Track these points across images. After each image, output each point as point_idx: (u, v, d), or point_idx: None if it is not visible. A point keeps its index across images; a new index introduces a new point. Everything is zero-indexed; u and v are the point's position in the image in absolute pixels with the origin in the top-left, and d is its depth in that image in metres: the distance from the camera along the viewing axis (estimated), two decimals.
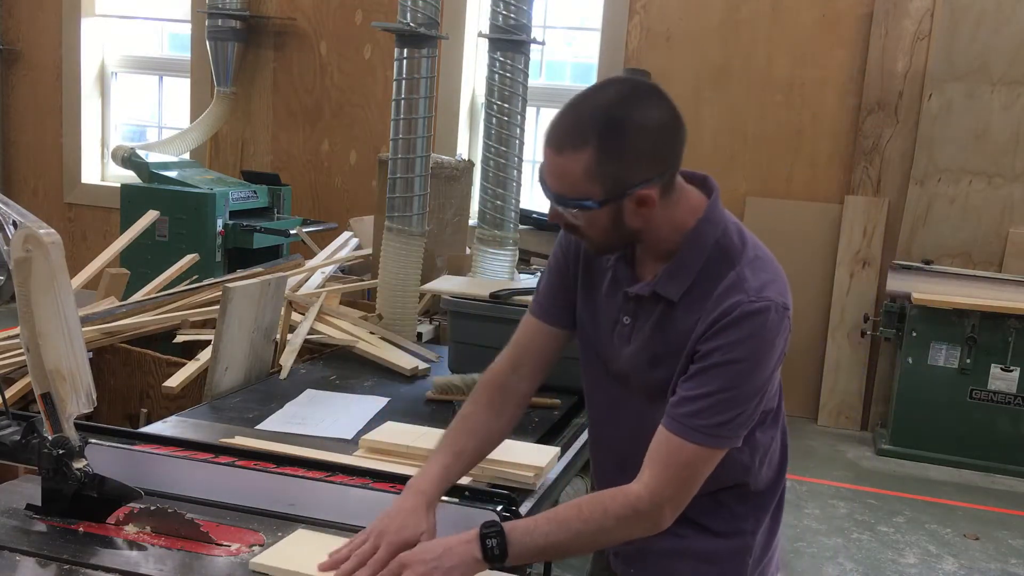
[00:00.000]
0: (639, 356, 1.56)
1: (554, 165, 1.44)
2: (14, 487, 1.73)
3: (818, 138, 5.71)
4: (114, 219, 6.01)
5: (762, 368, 1.46)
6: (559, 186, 1.45)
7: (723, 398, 1.45)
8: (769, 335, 1.45)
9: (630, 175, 1.42)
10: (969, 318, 5.04)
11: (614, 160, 1.40)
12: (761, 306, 1.44)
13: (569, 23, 6.48)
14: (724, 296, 1.46)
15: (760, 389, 1.48)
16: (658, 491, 1.45)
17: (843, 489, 4.65)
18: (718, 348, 1.44)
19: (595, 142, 1.39)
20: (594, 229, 1.48)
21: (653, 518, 1.47)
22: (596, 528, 1.46)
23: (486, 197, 3.49)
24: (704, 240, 1.51)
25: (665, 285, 1.52)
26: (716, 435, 1.46)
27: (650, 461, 1.48)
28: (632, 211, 1.45)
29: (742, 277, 1.47)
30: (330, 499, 1.69)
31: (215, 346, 2.50)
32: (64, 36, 6.94)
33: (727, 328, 1.44)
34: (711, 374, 1.45)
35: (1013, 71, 5.28)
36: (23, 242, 1.51)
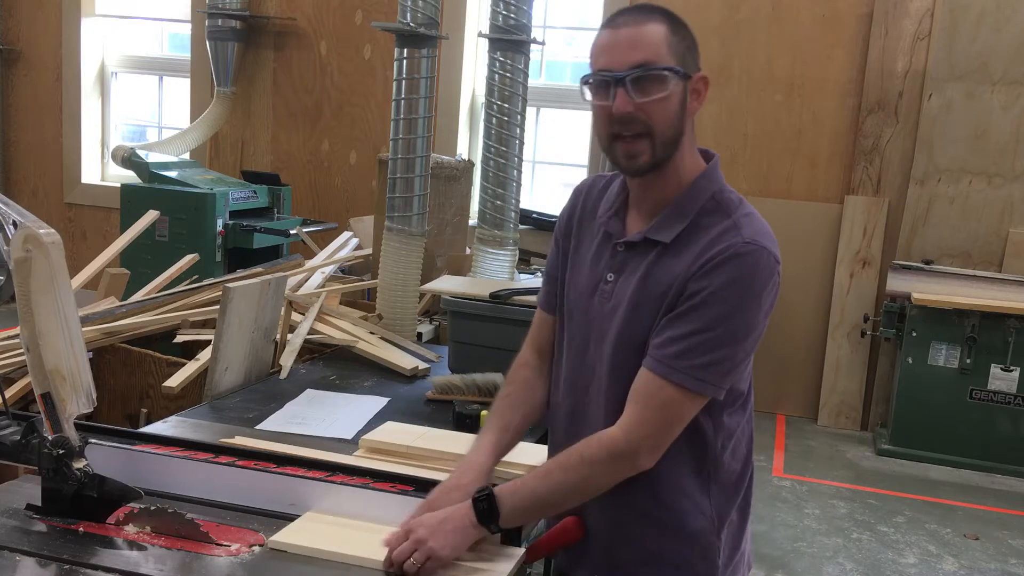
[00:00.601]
0: (621, 310, 1.55)
1: (630, 36, 1.48)
2: (14, 487, 1.73)
3: (818, 138, 5.71)
4: (114, 219, 6.01)
5: (749, 312, 1.47)
6: (643, 54, 1.47)
7: (708, 338, 1.45)
8: (759, 280, 1.47)
9: (692, 57, 1.52)
10: (969, 318, 5.04)
11: (681, 38, 1.51)
12: (753, 249, 1.46)
13: (569, 23, 6.48)
14: (717, 239, 1.48)
15: (746, 335, 1.48)
16: (635, 432, 1.47)
17: (843, 489, 4.65)
18: (706, 287, 1.45)
19: (665, 19, 1.51)
20: (667, 112, 1.49)
21: (630, 459, 1.48)
22: (577, 476, 1.50)
23: (486, 197, 3.50)
24: (702, 192, 1.55)
25: (657, 230, 1.54)
26: (699, 378, 1.46)
27: (630, 402, 1.49)
28: (689, 103, 1.52)
29: (737, 224, 1.50)
30: (330, 499, 1.69)
31: (215, 346, 2.50)
32: (64, 36, 6.94)
33: (717, 267, 1.46)
34: (698, 312, 1.46)
35: (1013, 71, 5.28)
36: (23, 242, 1.51)
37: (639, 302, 1.53)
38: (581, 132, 6.24)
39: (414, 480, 1.74)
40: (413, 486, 1.72)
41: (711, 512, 1.58)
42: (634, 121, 1.49)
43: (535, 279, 3.26)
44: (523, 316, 2.70)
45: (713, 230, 1.50)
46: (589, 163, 6.08)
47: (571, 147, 6.40)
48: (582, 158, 6.22)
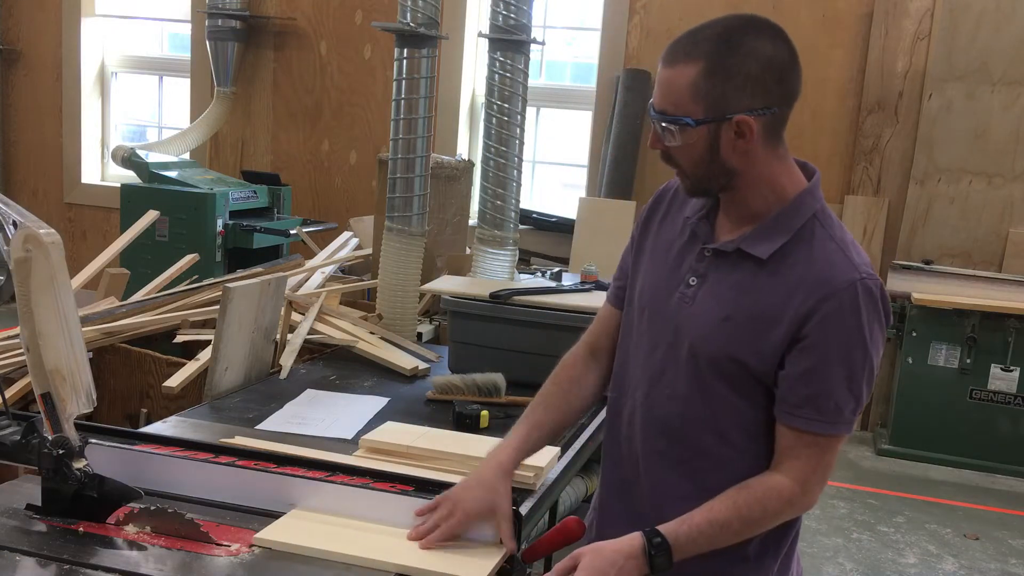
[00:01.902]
0: (705, 317, 1.50)
1: (663, 79, 1.46)
2: (14, 487, 1.73)
3: (818, 138, 5.71)
4: (114, 219, 6.01)
5: (878, 346, 1.45)
6: (663, 101, 1.46)
7: (849, 387, 1.44)
8: (879, 313, 1.44)
9: (733, 97, 1.42)
10: (969, 318, 5.05)
11: (720, 77, 1.42)
12: (873, 284, 1.43)
13: (569, 23, 6.48)
14: (833, 273, 1.43)
15: (876, 366, 1.47)
16: (809, 482, 1.48)
17: (843, 489, 4.65)
18: (834, 335, 1.42)
19: (706, 56, 1.42)
20: (689, 155, 1.47)
21: (807, 505, 1.52)
22: (755, 526, 1.50)
23: (486, 197, 3.49)
24: (803, 209, 1.49)
25: (752, 243, 1.49)
26: (848, 422, 1.47)
27: (792, 456, 1.48)
28: (730, 142, 1.44)
29: (848, 255, 1.45)
30: (330, 499, 1.69)
31: (215, 346, 2.50)
32: (64, 36, 6.94)
33: (844, 307, 1.41)
34: (833, 367, 1.43)
35: (1013, 71, 5.28)
36: (23, 242, 1.51)
37: (731, 316, 1.49)
38: (581, 132, 6.24)
39: (414, 480, 1.74)
40: (413, 486, 1.72)
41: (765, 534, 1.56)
42: (667, 159, 1.51)
43: (535, 279, 3.25)
44: (523, 316, 2.70)
45: (819, 255, 1.45)
46: (589, 163, 6.09)
47: (571, 147, 6.40)
48: (582, 158, 6.21)
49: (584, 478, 2.67)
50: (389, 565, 1.51)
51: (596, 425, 2.37)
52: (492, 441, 2.05)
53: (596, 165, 5.92)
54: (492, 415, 2.35)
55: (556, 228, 5.62)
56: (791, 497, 1.48)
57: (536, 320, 2.68)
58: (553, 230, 5.63)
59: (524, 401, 2.43)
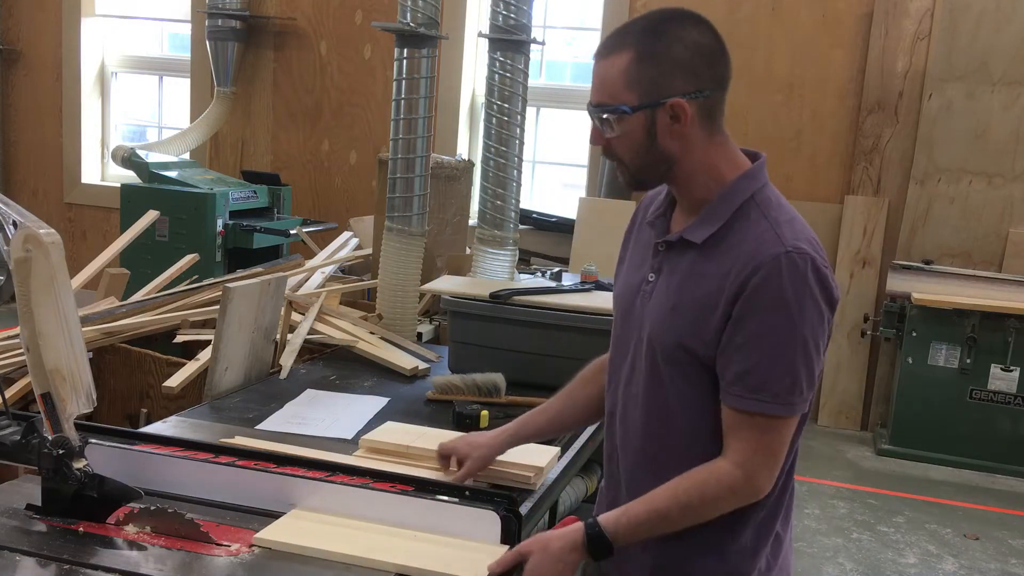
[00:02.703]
0: (658, 309, 1.53)
1: (596, 73, 1.50)
2: (14, 487, 1.73)
3: (818, 138, 5.71)
4: (114, 219, 6.01)
5: (813, 321, 1.42)
6: (599, 93, 1.49)
7: (783, 361, 1.42)
8: (810, 286, 1.42)
9: (665, 81, 1.45)
10: (969, 318, 5.05)
11: (650, 64, 1.45)
12: (799, 256, 1.42)
13: (569, 23, 6.48)
14: (759, 250, 1.43)
15: (817, 345, 1.45)
16: (748, 464, 1.46)
17: (843, 489, 4.65)
18: (762, 305, 1.42)
19: (634, 45, 1.46)
20: (628, 144, 1.49)
21: (751, 490, 1.48)
22: (696, 514, 1.49)
23: (486, 197, 3.49)
24: (739, 191, 1.51)
25: (692, 231, 1.51)
26: (787, 402, 1.44)
27: (731, 437, 1.47)
28: (666, 127, 1.47)
29: (777, 229, 1.46)
30: (330, 499, 1.69)
31: (215, 346, 2.50)
32: (64, 36, 6.94)
33: (767, 280, 1.41)
34: (763, 336, 1.42)
35: (1013, 71, 5.28)
36: (23, 242, 1.51)
37: (676, 305, 1.50)
38: (581, 132, 6.24)
39: (414, 480, 1.74)
40: (413, 486, 1.72)
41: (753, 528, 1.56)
42: (608, 152, 1.54)
43: (535, 279, 3.25)
44: (523, 316, 2.70)
45: (750, 234, 1.46)
46: (589, 163, 6.09)
47: (571, 147, 6.40)
48: (582, 158, 6.22)
49: (584, 478, 2.67)
50: (388, 565, 1.51)
51: (596, 425, 2.37)
52: None
53: (596, 165, 5.92)
54: (492, 415, 2.35)
55: (556, 228, 5.62)
56: (731, 483, 1.46)
57: (536, 320, 2.68)
58: (553, 230, 5.64)
59: (524, 401, 2.44)
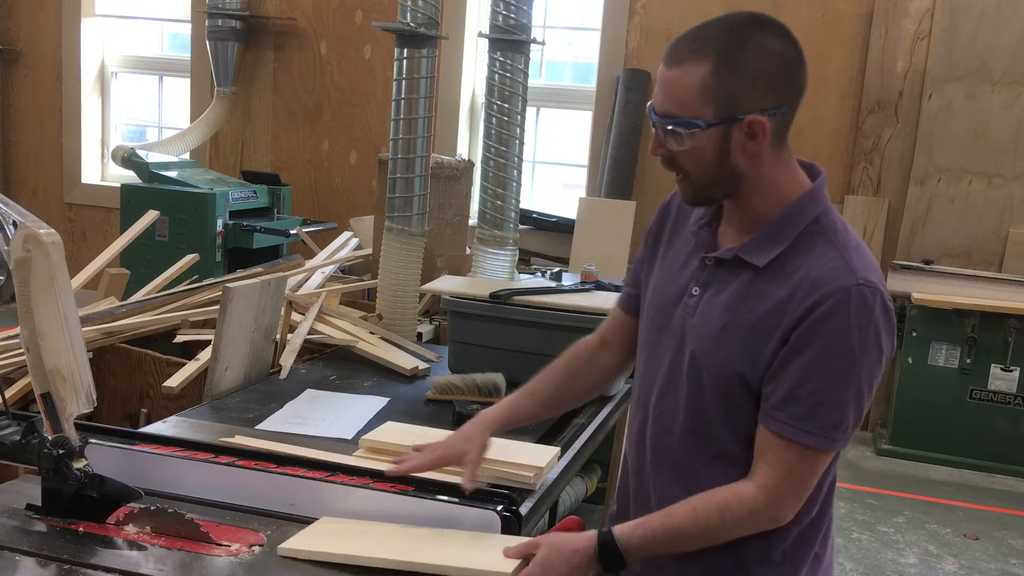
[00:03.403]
0: (705, 327, 1.46)
1: (667, 80, 1.39)
2: (14, 487, 1.73)
3: (818, 138, 5.71)
4: (114, 219, 6.01)
5: (872, 359, 1.37)
6: (668, 103, 1.38)
7: (834, 394, 1.37)
8: (876, 323, 1.36)
9: (746, 96, 1.37)
10: (969, 318, 5.05)
11: (732, 76, 1.36)
12: (870, 291, 1.36)
13: (569, 23, 6.48)
14: (826, 278, 1.37)
15: (871, 385, 1.39)
16: (773, 492, 1.41)
17: (843, 489, 4.65)
18: (823, 335, 1.35)
19: (715, 54, 1.36)
20: (697, 161, 1.40)
21: (772, 518, 1.43)
22: (713, 535, 1.45)
23: (486, 197, 3.49)
24: (804, 213, 1.44)
25: (751, 251, 1.44)
26: (830, 437, 1.38)
27: (761, 460, 1.42)
28: (740, 144, 1.39)
29: (847, 259, 1.39)
30: (330, 499, 1.69)
31: (215, 346, 2.50)
32: (64, 36, 6.94)
33: (834, 312, 1.35)
34: (819, 364, 1.36)
35: (1013, 71, 5.28)
36: (23, 242, 1.51)
37: (728, 326, 1.43)
38: (581, 132, 6.24)
39: (414, 480, 1.74)
40: (413, 486, 1.72)
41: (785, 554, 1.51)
42: (671, 164, 1.45)
43: (535, 279, 3.25)
44: (523, 316, 2.70)
45: (818, 261, 1.39)
46: (589, 163, 6.09)
47: (571, 147, 6.40)
48: (582, 158, 6.21)
49: (584, 478, 2.67)
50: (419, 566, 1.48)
51: (596, 425, 2.38)
52: (492, 441, 2.05)
53: (596, 165, 5.92)
54: None
55: (556, 228, 5.62)
56: (753, 506, 1.41)
57: (536, 320, 2.68)
58: (553, 230, 5.63)
59: None
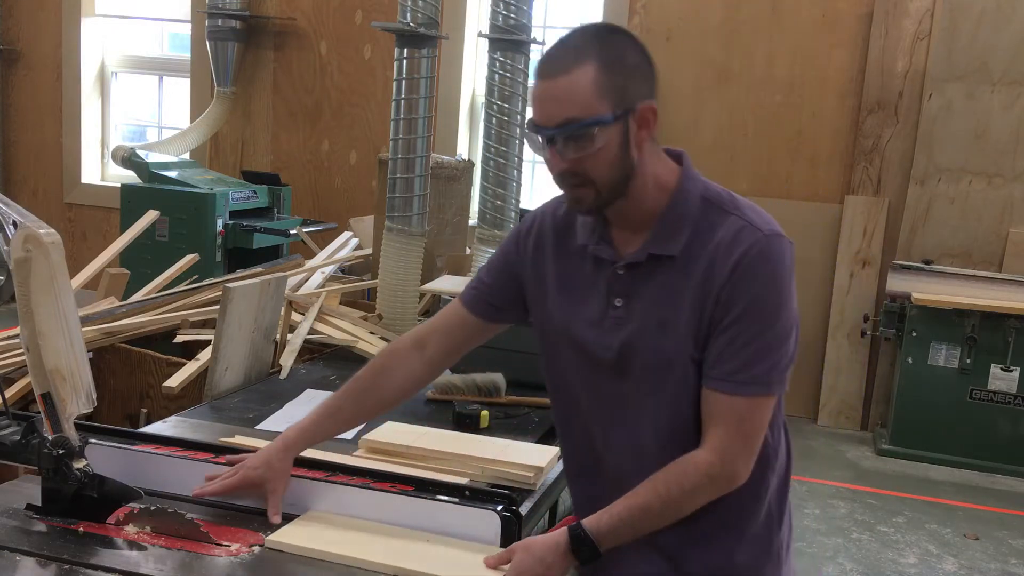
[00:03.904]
0: (645, 329, 1.49)
1: (556, 90, 1.41)
2: (14, 487, 1.73)
3: (818, 138, 5.71)
4: (114, 219, 6.01)
5: (789, 302, 1.47)
6: (565, 111, 1.40)
7: (763, 343, 1.44)
8: (788, 268, 1.47)
9: (632, 87, 1.42)
10: (969, 318, 5.04)
11: (617, 71, 1.41)
12: (777, 240, 1.46)
13: (569, 23, 6.48)
14: (735, 240, 1.45)
15: (793, 324, 1.47)
16: (727, 452, 1.46)
17: (843, 489, 4.65)
18: (746, 292, 1.43)
19: (596, 56, 1.41)
20: (605, 161, 1.43)
21: (729, 478, 1.48)
22: (678, 507, 1.48)
23: (486, 197, 3.50)
24: (690, 194, 1.50)
25: (660, 244, 1.49)
26: (766, 382, 1.45)
27: (710, 425, 1.47)
28: (635, 135, 1.44)
29: (747, 219, 1.47)
30: (330, 499, 1.69)
31: (215, 346, 2.50)
32: (64, 36, 6.94)
33: (751, 269, 1.43)
34: (746, 320, 1.43)
35: (1013, 71, 5.28)
36: (23, 242, 1.51)
37: (665, 319, 1.48)
38: None
39: (414, 480, 1.74)
40: (413, 486, 1.72)
41: (771, 505, 1.58)
42: (572, 175, 1.45)
43: None
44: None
45: (722, 230, 1.46)
46: None
47: None
48: None
49: None
50: (392, 568, 1.50)
51: None
52: (492, 441, 2.06)
53: None
54: (492, 415, 2.35)
55: None
56: (708, 469, 1.46)
57: None
58: None
59: (524, 401, 2.45)
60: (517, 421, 2.38)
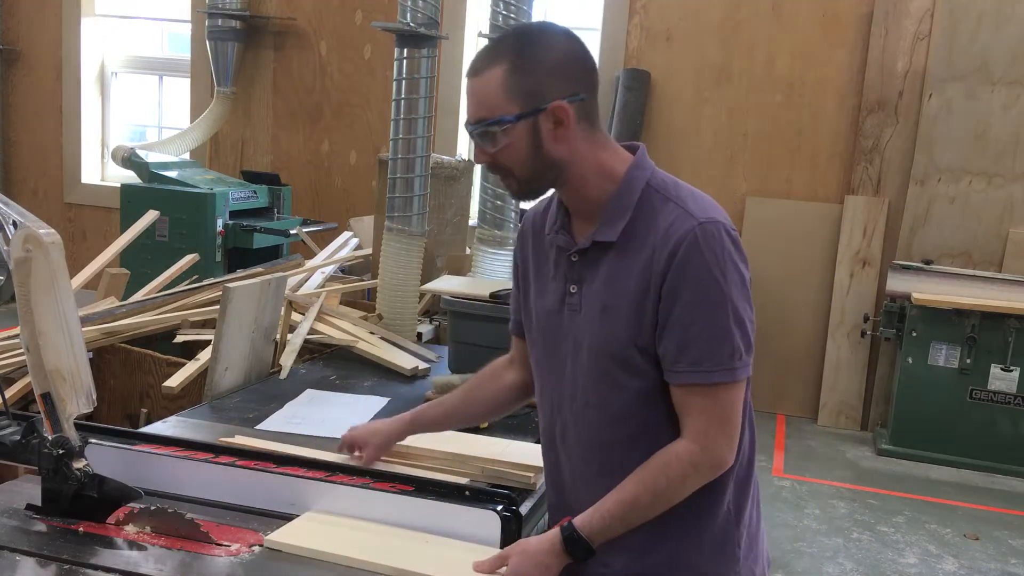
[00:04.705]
0: (590, 316, 1.53)
1: (472, 90, 1.52)
2: (14, 487, 1.73)
3: (818, 138, 5.71)
4: (114, 219, 6.01)
5: (738, 286, 1.47)
6: (478, 110, 1.51)
7: (718, 329, 1.45)
8: (728, 251, 1.46)
9: (543, 87, 1.48)
10: (969, 318, 5.04)
11: (526, 72, 1.48)
12: (712, 225, 1.46)
13: (569, 23, 6.46)
14: (673, 228, 1.47)
15: (746, 307, 1.48)
16: (706, 439, 1.48)
17: (843, 489, 4.65)
18: (687, 280, 1.45)
19: (508, 57, 1.49)
20: (515, 156, 1.50)
21: (713, 464, 1.50)
22: (666, 498, 1.50)
23: (486, 197, 3.50)
24: (635, 182, 1.54)
25: (603, 232, 1.53)
26: (730, 367, 1.46)
27: (684, 416, 1.49)
28: (550, 132, 1.49)
29: (685, 208, 1.49)
30: (330, 499, 1.70)
31: (215, 346, 2.50)
32: (64, 36, 6.94)
33: (688, 256, 1.44)
34: (695, 310, 1.45)
35: (1013, 71, 5.28)
36: (23, 242, 1.51)
37: (607, 305, 1.51)
38: None
39: (414, 480, 1.74)
40: (413, 486, 1.72)
41: (729, 505, 1.57)
42: (492, 167, 1.55)
43: None
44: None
45: (660, 217, 1.49)
46: None
47: None
48: None
49: None
50: (390, 569, 1.50)
51: None
52: (492, 441, 2.06)
53: None
54: None
55: None
56: (690, 458, 1.48)
57: None
58: None
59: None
60: (517, 421, 2.38)
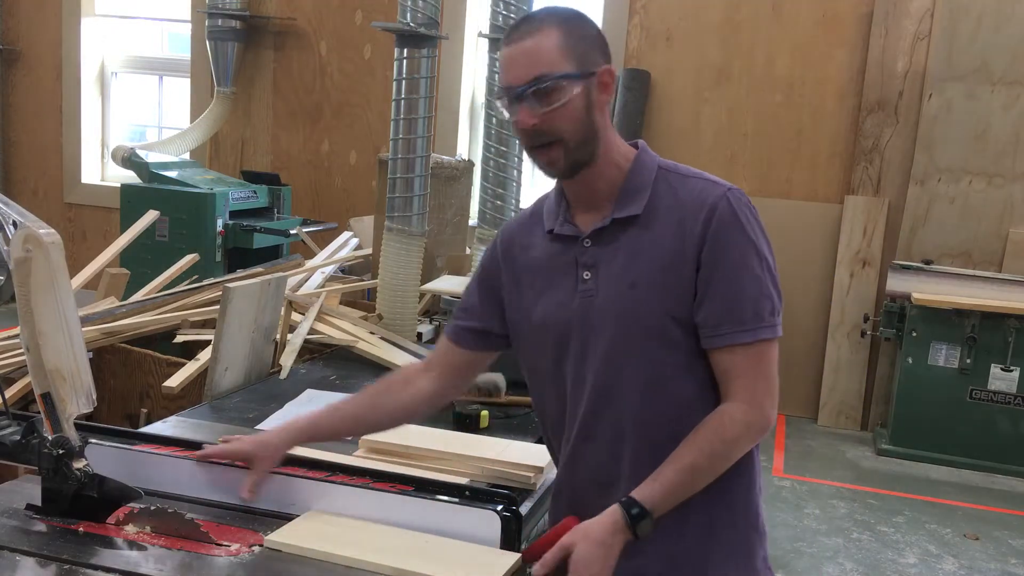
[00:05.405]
0: (615, 295, 1.53)
1: (523, 51, 1.50)
2: (14, 487, 1.73)
3: (818, 138, 5.71)
4: (114, 219, 6.01)
5: (765, 247, 1.53)
6: (534, 68, 1.48)
7: (760, 285, 1.50)
8: (755, 214, 1.54)
9: (593, 53, 1.52)
10: (969, 318, 5.05)
11: (578, 38, 1.51)
12: (738, 192, 1.53)
13: None
14: (703, 195, 1.52)
15: (772, 265, 1.53)
16: (754, 398, 1.51)
17: (843, 489, 4.65)
18: (727, 244, 1.49)
19: (558, 24, 1.51)
20: (572, 117, 1.50)
21: (764, 423, 1.53)
22: (724, 459, 1.52)
23: (486, 197, 3.50)
24: (648, 163, 1.58)
25: (625, 208, 1.55)
26: (766, 325, 1.50)
27: (730, 381, 1.51)
28: (597, 98, 1.52)
29: (708, 179, 1.56)
30: (330, 499, 1.69)
31: (215, 346, 2.50)
32: (64, 36, 6.94)
33: (725, 221, 1.50)
34: (733, 274, 1.49)
35: (1013, 71, 5.28)
36: (23, 242, 1.51)
37: (636, 280, 1.52)
38: None
39: (414, 480, 1.74)
40: (413, 486, 1.72)
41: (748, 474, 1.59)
42: (542, 132, 1.52)
43: None
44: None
45: (682, 191, 1.54)
46: None
47: None
48: None
49: None
50: (392, 569, 1.50)
51: None
52: (492, 441, 2.06)
53: None
54: (492, 415, 2.35)
55: None
56: (743, 417, 1.50)
57: None
58: None
59: (524, 401, 2.44)
60: (517, 421, 2.38)
